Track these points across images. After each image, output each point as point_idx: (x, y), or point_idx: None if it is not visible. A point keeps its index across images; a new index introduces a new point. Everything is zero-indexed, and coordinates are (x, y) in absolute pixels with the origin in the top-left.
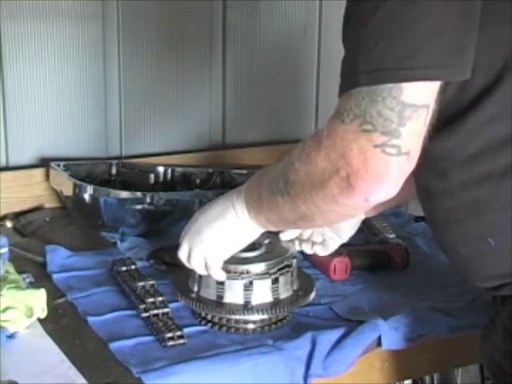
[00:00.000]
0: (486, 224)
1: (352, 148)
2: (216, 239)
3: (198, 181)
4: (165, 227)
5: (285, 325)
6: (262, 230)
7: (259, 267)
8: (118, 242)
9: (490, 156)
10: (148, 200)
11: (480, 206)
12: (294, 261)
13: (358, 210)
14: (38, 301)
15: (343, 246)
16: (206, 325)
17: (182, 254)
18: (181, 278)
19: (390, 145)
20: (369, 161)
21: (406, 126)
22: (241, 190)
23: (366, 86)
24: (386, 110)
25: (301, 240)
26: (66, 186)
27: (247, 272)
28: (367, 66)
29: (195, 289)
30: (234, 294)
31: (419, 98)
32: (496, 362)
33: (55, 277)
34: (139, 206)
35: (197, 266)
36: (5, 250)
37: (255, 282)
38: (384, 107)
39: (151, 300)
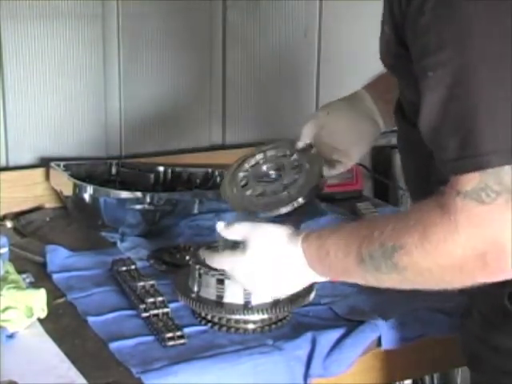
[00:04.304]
0: None
1: (501, 226)
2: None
3: (197, 181)
4: (165, 227)
5: (285, 325)
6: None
7: None
8: (118, 242)
9: None
10: (148, 200)
11: None
12: None
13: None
14: (37, 301)
15: None
16: (205, 325)
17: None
18: (181, 278)
19: None
20: None
21: None
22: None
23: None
24: None
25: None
26: (66, 186)
27: None
28: (497, 144)
29: (195, 289)
30: (233, 293)
31: None
32: (472, 350)
33: (55, 277)
34: (139, 206)
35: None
36: (5, 250)
37: None
38: None
39: (151, 300)
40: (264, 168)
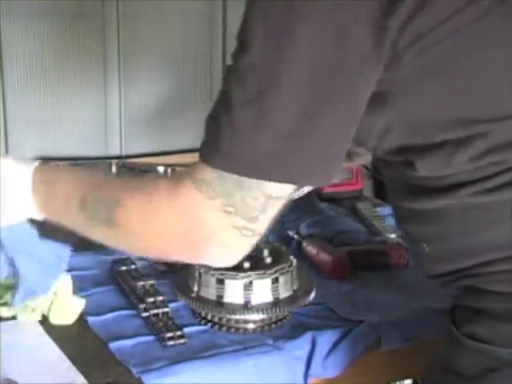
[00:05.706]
0: (421, 232)
1: (210, 222)
2: None
3: None
4: None
5: (285, 325)
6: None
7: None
8: None
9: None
10: None
11: (416, 215)
12: (294, 261)
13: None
14: (38, 301)
15: (343, 245)
16: (205, 324)
17: None
18: (181, 277)
19: (248, 228)
20: (224, 238)
21: (265, 214)
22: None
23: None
24: (250, 200)
25: None
26: None
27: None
28: (234, 150)
29: (195, 288)
30: (233, 293)
31: (283, 192)
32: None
33: None
34: None
35: None
36: None
37: (255, 282)
38: (249, 196)
39: (151, 300)
40: None
